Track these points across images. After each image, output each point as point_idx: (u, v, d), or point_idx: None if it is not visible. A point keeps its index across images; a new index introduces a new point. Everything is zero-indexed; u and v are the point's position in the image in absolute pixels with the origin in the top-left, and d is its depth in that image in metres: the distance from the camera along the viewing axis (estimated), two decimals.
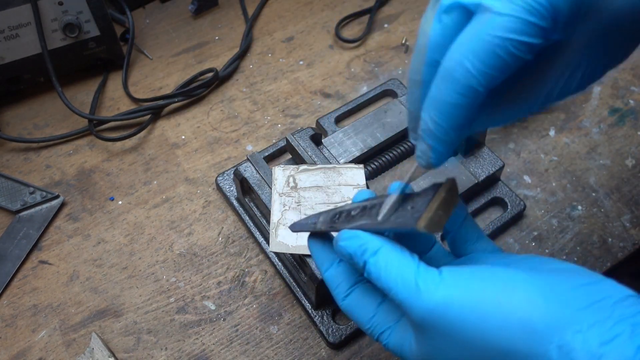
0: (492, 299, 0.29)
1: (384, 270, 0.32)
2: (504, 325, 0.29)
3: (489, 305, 0.29)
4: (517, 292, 0.29)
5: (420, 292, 0.31)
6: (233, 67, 0.72)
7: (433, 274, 0.31)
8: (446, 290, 0.30)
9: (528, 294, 0.29)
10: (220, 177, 0.62)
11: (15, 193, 0.61)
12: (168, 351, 0.53)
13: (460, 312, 0.30)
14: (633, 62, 0.73)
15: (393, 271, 0.32)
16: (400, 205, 0.35)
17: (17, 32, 0.63)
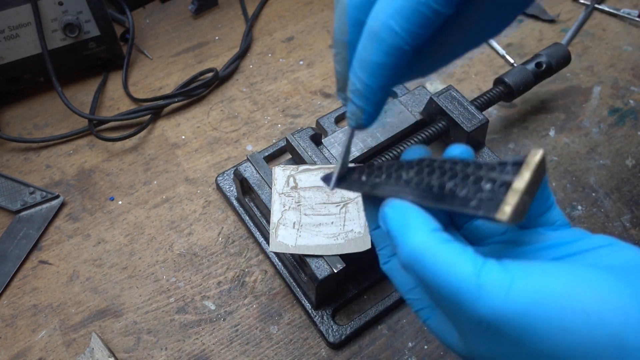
0: (576, 309, 0.25)
1: (431, 262, 0.28)
2: (590, 341, 0.25)
3: (573, 316, 0.25)
4: (607, 302, 0.25)
5: (485, 294, 0.26)
6: (233, 67, 0.72)
7: (499, 272, 0.26)
8: (519, 295, 0.26)
9: (620, 303, 0.25)
10: (220, 177, 0.62)
11: (15, 193, 0.61)
12: (168, 351, 0.53)
13: (536, 322, 0.26)
14: (633, 61, 0.73)
15: (445, 264, 0.27)
16: (464, 176, 0.28)
17: (17, 32, 0.63)
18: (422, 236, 0.28)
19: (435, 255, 0.27)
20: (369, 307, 0.54)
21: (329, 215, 0.50)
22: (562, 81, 0.71)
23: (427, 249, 0.28)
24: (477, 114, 0.57)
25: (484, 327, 0.27)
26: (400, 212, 0.30)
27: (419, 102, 0.61)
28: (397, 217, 0.30)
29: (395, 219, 0.30)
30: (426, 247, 0.28)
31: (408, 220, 0.29)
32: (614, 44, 0.75)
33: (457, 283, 0.26)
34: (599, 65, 0.73)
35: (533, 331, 0.26)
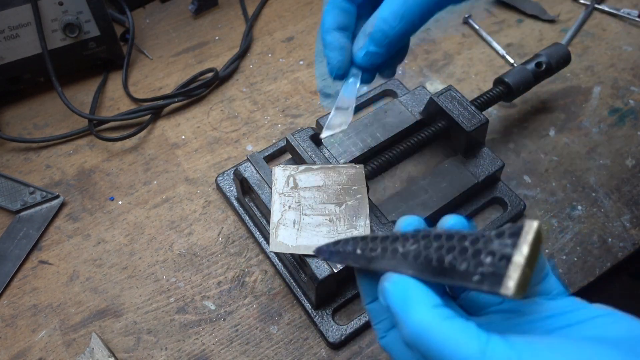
0: None
1: (436, 340, 0.27)
2: None
3: None
4: None
5: None
6: (233, 67, 0.72)
7: (505, 349, 0.26)
8: None
9: None
10: (220, 177, 0.62)
11: (15, 193, 0.61)
12: (168, 351, 0.53)
13: None
14: (633, 61, 0.73)
15: (450, 342, 0.27)
16: (462, 249, 0.29)
17: (17, 32, 0.63)
18: (424, 313, 0.28)
19: (439, 333, 0.27)
20: None
21: (329, 215, 0.50)
22: (562, 81, 0.71)
23: (431, 327, 0.27)
24: (477, 114, 0.57)
25: None
26: (401, 287, 0.30)
27: (419, 102, 0.61)
28: (398, 292, 0.29)
29: (396, 294, 0.29)
30: (430, 324, 0.27)
31: (409, 295, 0.29)
32: (614, 44, 0.75)
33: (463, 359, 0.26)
34: (599, 65, 0.73)
35: None
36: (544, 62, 0.63)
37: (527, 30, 0.77)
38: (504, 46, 0.75)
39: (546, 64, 0.63)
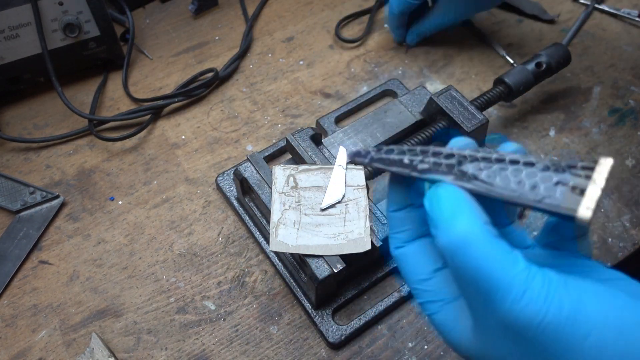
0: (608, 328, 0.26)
1: (482, 252, 0.26)
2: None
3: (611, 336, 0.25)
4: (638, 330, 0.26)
5: (527, 297, 0.26)
6: (233, 67, 0.72)
7: (543, 278, 0.26)
8: (559, 305, 0.26)
9: None
10: (220, 177, 0.62)
11: (15, 193, 0.61)
12: (168, 351, 0.53)
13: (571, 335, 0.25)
14: (633, 61, 0.73)
15: (495, 257, 0.26)
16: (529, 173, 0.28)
17: (17, 32, 0.63)
18: (473, 224, 0.27)
19: (486, 247, 0.26)
20: (369, 307, 0.54)
21: (329, 215, 0.50)
22: (562, 81, 0.71)
23: (478, 238, 0.27)
24: (477, 114, 0.57)
25: (514, 328, 0.26)
26: (455, 195, 0.28)
27: (419, 102, 0.61)
28: (451, 199, 0.28)
29: (448, 201, 0.28)
30: (478, 236, 0.27)
31: (461, 205, 0.28)
32: (614, 44, 0.75)
33: (504, 279, 0.26)
34: (599, 65, 0.73)
35: (565, 343, 0.26)
36: (544, 62, 0.63)
37: (527, 30, 0.77)
38: (504, 46, 0.75)
39: (546, 64, 0.63)
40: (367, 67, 0.73)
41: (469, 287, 0.28)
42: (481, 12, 0.56)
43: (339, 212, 0.50)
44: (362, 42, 0.76)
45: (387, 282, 0.56)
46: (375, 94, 0.68)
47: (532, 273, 0.26)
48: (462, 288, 0.29)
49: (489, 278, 0.26)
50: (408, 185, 0.33)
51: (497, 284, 0.26)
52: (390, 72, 0.72)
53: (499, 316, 0.27)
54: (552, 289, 0.26)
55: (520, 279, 0.26)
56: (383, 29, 0.77)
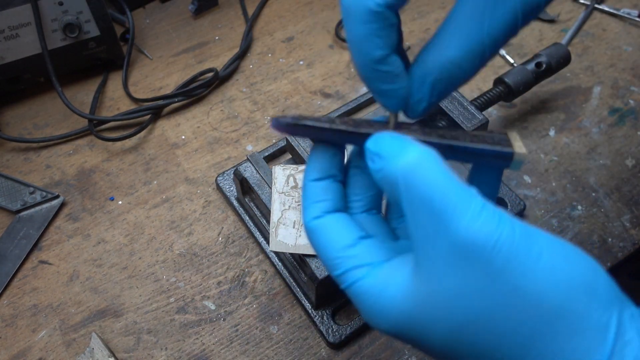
0: (556, 254, 0.26)
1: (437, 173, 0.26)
2: (567, 283, 0.26)
3: (554, 259, 0.26)
4: (580, 259, 0.27)
5: (482, 217, 0.25)
6: (233, 67, 0.72)
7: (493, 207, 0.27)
8: (511, 227, 0.26)
9: (590, 263, 0.27)
10: (220, 177, 0.62)
11: (15, 193, 0.61)
12: (168, 351, 0.53)
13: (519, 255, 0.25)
14: (633, 61, 0.73)
15: (450, 179, 0.26)
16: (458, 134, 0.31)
17: (17, 32, 0.63)
18: (428, 151, 0.27)
19: (442, 169, 0.26)
20: None
21: None
22: (562, 81, 0.71)
23: (434, 161, 0.27)
24: (477, 114, 0.57)
25: (468, 251, 0.25)
26: (401, 137, 0.28)
27: None
28: (398, 138, 0.28)
29: (396, 138, 0.28)
30: (434, 160, 0.27)
31: (410, 140, 0.28)
32: (614, 44, 0.75)
33: (461, 199, 0.26)
34: (599, 65, 0.73)
35: (519, 264, 0.25)
36: (544, 62, 0.63)
37: (527, 30, 0.77)
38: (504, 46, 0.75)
39: (546, 64, 0.63)
40: None
41: (420, 212, 0.26)
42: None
43: None
44: None
45: None
46: None
47: (483, 199, 0.27)
48: (412, 217, 0.27)
49: (445, 197, 0.26)
50: (333, 155, 0.32)
51: (455, 202, 0.26)
52: None
53: (453, 240, 0.26)
54: (504, 214, 0.26)
55: (476, 200, 0.26)
56: None
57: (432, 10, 0.79)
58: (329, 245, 0.31)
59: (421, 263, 0.27)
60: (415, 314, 0.28)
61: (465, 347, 0.27)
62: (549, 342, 0.25)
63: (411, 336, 0.28)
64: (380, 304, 0.29)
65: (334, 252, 0.30)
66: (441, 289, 0.26)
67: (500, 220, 0.26)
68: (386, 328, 0.29)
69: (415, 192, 0.27)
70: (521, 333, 0.26)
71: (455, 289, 0.26)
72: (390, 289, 0.28)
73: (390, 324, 0.29)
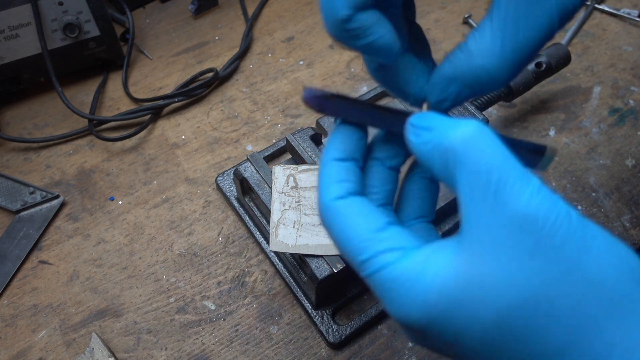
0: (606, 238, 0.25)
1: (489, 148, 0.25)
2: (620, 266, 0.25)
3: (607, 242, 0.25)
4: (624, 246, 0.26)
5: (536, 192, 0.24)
6: (233, 67, 0.72)
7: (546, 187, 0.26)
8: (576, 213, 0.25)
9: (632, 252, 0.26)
10: (220, 177, 0.62)
11: (15, 193, 0.61)
12: (168, 351, 0.53)
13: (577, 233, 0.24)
14: (633, 61, 0.73)
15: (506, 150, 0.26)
16: None
17: (17, 32, 0.63)
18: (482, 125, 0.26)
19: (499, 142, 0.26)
20: (369, 307, 0.54)
21: None
22: (562, 81, 0.71)
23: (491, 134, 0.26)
24: (477, 114, 0.57)
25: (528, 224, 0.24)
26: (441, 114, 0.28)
27: None
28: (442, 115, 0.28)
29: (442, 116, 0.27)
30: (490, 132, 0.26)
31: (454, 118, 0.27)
32: (614, 44, 0.75)
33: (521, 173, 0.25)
34: (599, 65, 0.73)
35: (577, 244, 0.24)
36: (544, 62, 0.63)
37: None
38: None
39: (546, 64, 0.63)
40: None
41: (478, 184, 0.25)
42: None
43: None
44: None
45: None
46: (375, 94, 0.67)
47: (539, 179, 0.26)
48: (469, 189, 0.26)
49: (507, 171, 0.25)
50: (358, 138, 0.31)
51: (515, 177, 0.25)
52: None
53: (513, 213, 0.24)
54: (559, 197, 0.25)
55: (534, 179, 0.25)
56: None
57: (432, 11, 0.79)
58: (354, 228, 0.28)
59: (472, 240, 0.25)
60: (459, 298, 0.25)
61: (509, 337, 0.25)
62: (608, 326, 0.24)
63: (447, 328, 0.26)
64: (416, 290, 0.26)
65: (360, 235, 0.28)
66: (495, 267, 0.24)
67: (558, 201, 0.25)
68: (418, 319, 0.26)
69: (475, 161, 0.25)
70: (581, 313, 0.24)
71: (511, 266, 0.24)
72: (429, 273, 0.26)
73: (426, 313, 0.26)
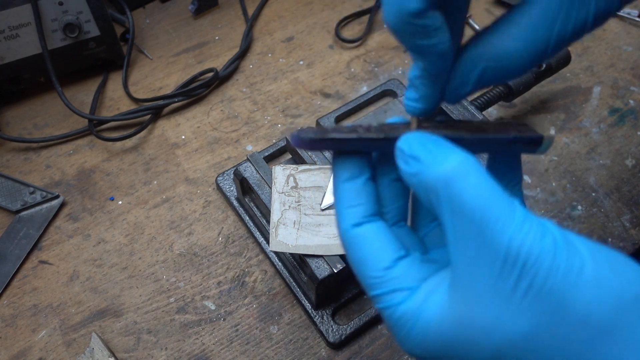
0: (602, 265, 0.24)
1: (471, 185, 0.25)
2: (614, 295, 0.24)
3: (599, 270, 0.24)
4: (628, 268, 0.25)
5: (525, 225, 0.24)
6: (233, 67, 0.72)
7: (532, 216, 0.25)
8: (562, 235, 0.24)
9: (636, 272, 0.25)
10: (220, 177, 0.62)
11: (16, 193, 0.61)
12: (168, 351, 0.53)
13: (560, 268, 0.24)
14: (633, 61, 0.73)
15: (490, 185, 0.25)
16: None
17: (17, 32, 0.63)
18: (468, 157, 0.26)
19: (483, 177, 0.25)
20: (369, 307, 0.54)
21: (329, 215, 0.50)
22: (562, 81, 0.71)
23: (475, 169, 0.25)
24: (477, 114, 0.57)
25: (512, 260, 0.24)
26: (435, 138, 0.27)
27: None
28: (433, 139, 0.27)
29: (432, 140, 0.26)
30: (474, 166, 0.25)
31: (447, 143, 0.26)
32: (614, 44, 0.75)
33: (505, 209, 0.24)
34: (599, 65, 0.73)
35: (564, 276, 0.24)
36: (544, 62, 0.63)
37: None
38: None
39: (546, 64, 0.63)
40: (367, 67, 0.73)
41: (462, 223, 0.25)
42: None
43: None
44: (362, 42, 0.76)
45: None
46: (375, 93, 0.67)
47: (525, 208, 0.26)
48: (452, 227, 0.26)
49: (489, 207, 0.24)
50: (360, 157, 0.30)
51: (498, 213, 0.24)
52: (390, 72, 0.72)
53: (495, 252, 0.24)
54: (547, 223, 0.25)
55: (519, 211, 0.25)
56: (383, 29, 0.77)
57: None
58: (368, 263, 0.29)
59: (459, 279, 0.26)
60: (454, 337, 0.26)
61: None
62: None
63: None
64: (417, 329, 0.27)
65: (372, 272, 0.29)
66: (483, 309, 0.25)
67: (546, 231, 0.24)
68: (421, 354, 0.28)
69: (458, 201, 0.25)
70: (569, 351, 0.24)
71: (498, 307, 0.24)
72: (427, 313, 0.27)
73: (427, 349, 0.27)
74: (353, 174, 0.30)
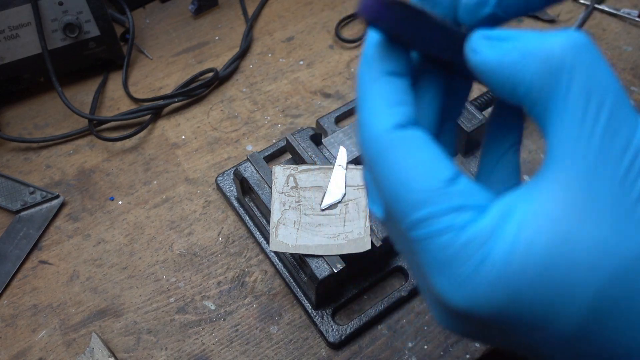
0: None
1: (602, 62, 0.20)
2: None
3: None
4: None
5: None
6: (233, 67, 0.72)
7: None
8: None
9: None
10: (220, 177, 0.62)
11: (15, 193, 0.61)
12: (168, 351, 0.53)
13: None
14: (633, 61, 0.73)
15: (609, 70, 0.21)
16: None
17: (17, 32, 0.63)
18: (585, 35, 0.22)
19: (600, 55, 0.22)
20: (369, 307, 0.54)
21: (329, 215, 0.50)
22: None
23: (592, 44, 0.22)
24: (477, 114, 0.58)
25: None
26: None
27: None
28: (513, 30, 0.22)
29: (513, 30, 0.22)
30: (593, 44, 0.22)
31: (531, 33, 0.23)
32: (614, 44, 0.75)
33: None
34: None
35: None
36: None
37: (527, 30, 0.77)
38: None
39: None
40: None
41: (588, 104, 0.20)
42: None
43: (339, 212, 0.50)
44: (362, 42, 0.76)
45: (387, 282, 0.56)
46: None
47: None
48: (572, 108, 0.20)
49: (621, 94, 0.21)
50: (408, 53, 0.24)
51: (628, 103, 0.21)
52: None
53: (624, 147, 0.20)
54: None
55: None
56: None
57: None
58: (417, 172, 0.22)
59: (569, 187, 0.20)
60: (552, 264, 0.19)
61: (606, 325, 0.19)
62: None
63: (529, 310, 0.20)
64: (493, 258, 0.20)
65: (424, 183, 0.21)
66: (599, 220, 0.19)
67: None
68: (485, 304, 0.20)
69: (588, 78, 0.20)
70: None
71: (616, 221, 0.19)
72: (508, 234, 0.20)
73: (501, 291, 0.20)
74: (400, 68, 0.23)
